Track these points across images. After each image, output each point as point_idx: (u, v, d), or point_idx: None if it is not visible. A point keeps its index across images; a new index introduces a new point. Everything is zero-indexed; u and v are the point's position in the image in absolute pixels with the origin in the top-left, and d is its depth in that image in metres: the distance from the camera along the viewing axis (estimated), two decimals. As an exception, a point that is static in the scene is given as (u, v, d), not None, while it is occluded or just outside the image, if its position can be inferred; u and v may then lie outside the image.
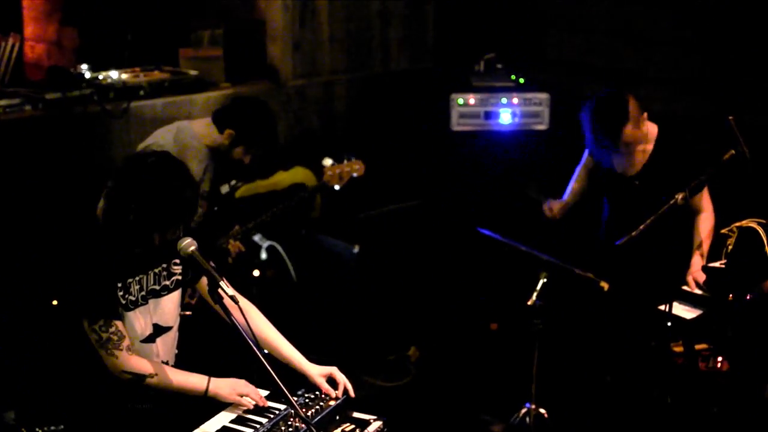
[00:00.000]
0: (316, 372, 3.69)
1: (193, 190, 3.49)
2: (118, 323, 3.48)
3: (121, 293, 3.50)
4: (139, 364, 3.52)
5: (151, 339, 3.63)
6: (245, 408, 3.60)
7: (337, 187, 5.46)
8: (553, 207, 5.12)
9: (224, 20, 6.73)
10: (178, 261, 3.68)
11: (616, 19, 6.40)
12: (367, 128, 7.05)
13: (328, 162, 5.46)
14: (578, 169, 5.20)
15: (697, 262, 4.69)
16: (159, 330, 3.66)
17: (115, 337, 3.46)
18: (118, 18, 6.84)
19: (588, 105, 4.74)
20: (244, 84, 6.56)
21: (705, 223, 4.75)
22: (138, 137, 5.83)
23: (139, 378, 3.50)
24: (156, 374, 3.53)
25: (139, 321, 3.58)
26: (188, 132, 5.09)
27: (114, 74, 6.09)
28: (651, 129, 4.82)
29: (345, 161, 5.47)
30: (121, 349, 3.47)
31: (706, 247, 4.68)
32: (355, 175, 5.49)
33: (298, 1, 6.71)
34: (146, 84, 6.09)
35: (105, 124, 5.76)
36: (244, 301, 3.68)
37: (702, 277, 4.64)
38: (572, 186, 5.18)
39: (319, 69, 6.92)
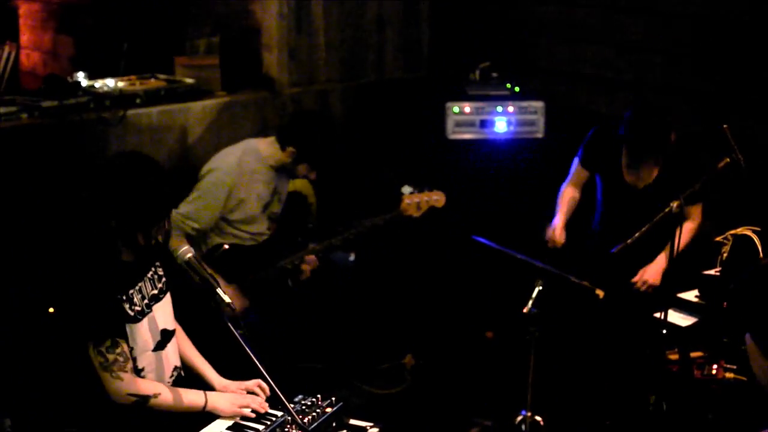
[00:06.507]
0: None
1: (168, 184, 3.49)
2: (124, 344, 3.45)
3: (126, 306, 3.47)
4: (143, 385, 3.49)
5: (161, 346, 3.62)
6: (242, 415, 3.62)
7: (414, 216, 5.32)
8: (555, 235, 5.13)
9: (220, 29, 6.74)
10: (159, 263, 3.68)
11: (610, 28, 6.42)
12: (362, 136, 7.05)
13: (406, 190, 5.34)
14: (564, 187, 5.21)
15: (659, 261, 4.74)
16: (167, 335, 3.65)
17: (121, 359, 3.43)
18: (114, 26, 6.85)
19: (631, 116, 4.69)
20: (240, 92, 6.57)
21: (685, 232, 4.76)
22: (134, 145, 5.84)
23: (144, 399, 3.47)
24: (159, 394, 3.50)
25: (149, 329, 3.56)
26: (253, 154, 5.14)
27: (110, 82, 6.10)
28: None
29: (425, 190, 5.38)
30: (127, 371, 3.45)
31: (676, 253, 4.63)
32: (435, 206, 5.37)
33: (294, 9, 6.72)
34: (142, 92, 6.09)
35: (101, 132, 5.76)
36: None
37: (652, 279, 4.69)
38: (563, 204, 5.19)
39: (315, 77, 6.93)
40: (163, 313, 3.65)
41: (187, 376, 3.79)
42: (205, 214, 5.04)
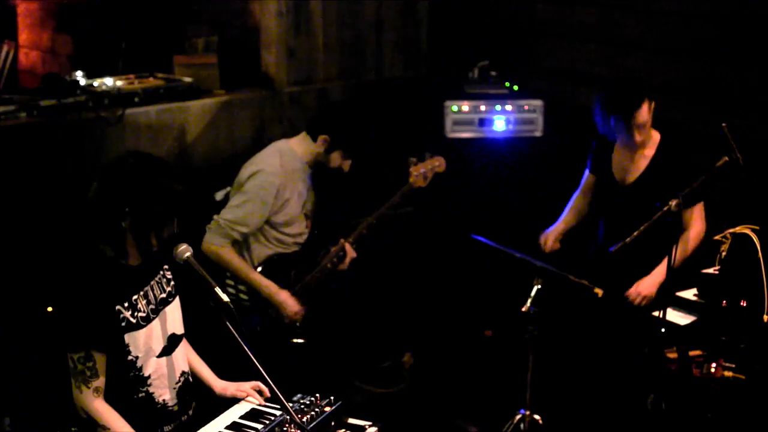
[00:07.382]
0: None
1: (181, 183, 3.46)
2: (100, 358, 3.40)
3: (128, 313, 3.44)
4: (97, 408, 3.43)
5: (168, 351, 3.58)
6: (241, 413, 3.63)
7: (422, 187, 5.27)
8: (548, 240, 5.14)
9: (219, 27, 6.74)
10: (167, 266, 3.66)
11: (609, 26, 6.41)
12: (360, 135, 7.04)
13: (412, 161, 5.28)
14: (575, 195, 5.22)
15: (655, 274, 4.73)
16: (175, 339, 3.62)
17: (89, 373, 3.39)
18: (112, 25, 6.84)
19: (604, 84, 4.79)
20: (238, 91, 6.57)
21: (683, 242, 4.76)
22: (133, 144, 5.84)
23: (91, 423, 3.43)
24: (107, 429, 3.43)
25: (156, 335, 3.53)
26: (290, 153, 5.12)
27: (109, 81, 6.09)
28: (654, 134, 4.84)
29: (426, 158, 5.32)
30: (89, 387, 3.40)
31: (674, 263, 4.62)
32: (438, 171, 5.33)
33: (293, 8, 6.72)
34: (141, 91, 6.08)
35: (100, 131, 5.75)
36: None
37: (647, 291, 4.69)
38: (566, 212, 5.21)
39: (314, 76, 6.93)
40: (172, 317, 3.61)
41: (194, 381, 3.78)
42: (255, 216, 4.99)
